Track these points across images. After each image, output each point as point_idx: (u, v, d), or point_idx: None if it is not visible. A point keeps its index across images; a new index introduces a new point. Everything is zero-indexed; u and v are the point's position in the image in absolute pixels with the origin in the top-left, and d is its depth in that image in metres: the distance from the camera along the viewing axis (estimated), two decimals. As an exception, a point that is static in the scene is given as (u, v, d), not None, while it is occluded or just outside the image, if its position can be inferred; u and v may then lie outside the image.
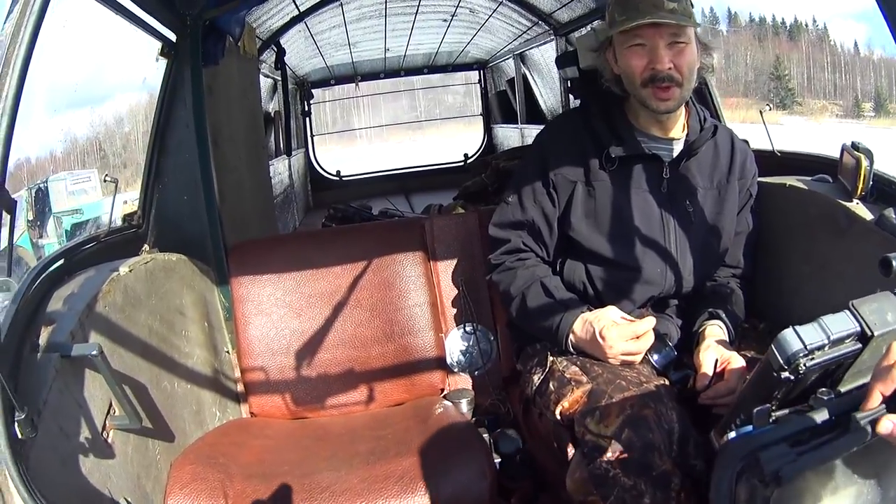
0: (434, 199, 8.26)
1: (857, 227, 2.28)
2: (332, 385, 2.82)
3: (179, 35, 2.91)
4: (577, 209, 2.44)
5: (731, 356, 2.21)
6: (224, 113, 3.79)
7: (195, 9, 2.96)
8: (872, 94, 72.17)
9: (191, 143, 2.83)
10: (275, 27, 5.65)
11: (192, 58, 2.91)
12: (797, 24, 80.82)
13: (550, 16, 6.04)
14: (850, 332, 1.35)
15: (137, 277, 2.25)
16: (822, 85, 75.62)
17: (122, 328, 2.07)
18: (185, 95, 2.85)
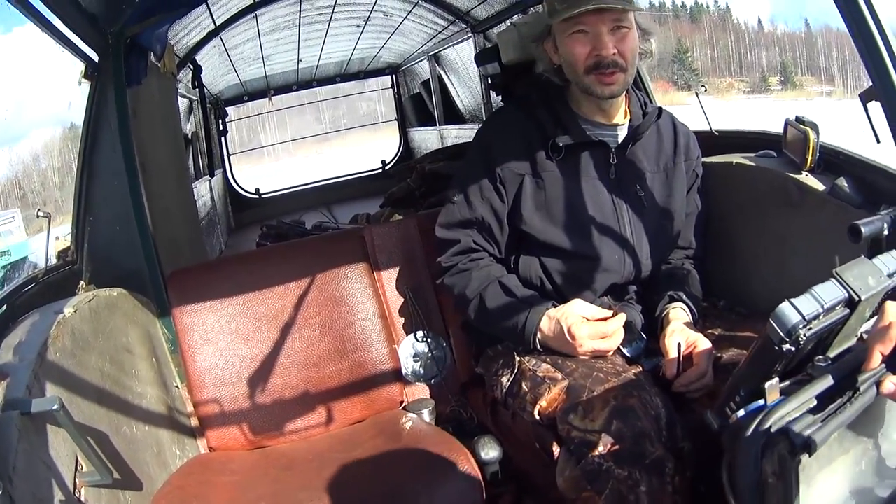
0: (357, 208, 8.24)
1: (809, 198, 2.37)
2: (289, 410, 2.72)
3: (102, 55, 2.79)
4: (527, 202, 2.42)
5: (697, 338, 2.23)
6: (148, 136, 3.67)
7: (116, 26, 2.84)
8: (778, 68, 74.52)
9: (119, 169, 2.71)
10: (191, 44, 5.51)
11: (115, 78, 2.78)
12: (698, 5, 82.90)
13: (468, 14, 6.03)
14: (839, 299, 1.43)
15: (83, 318, 2.12)
16: (726, 63, 77.71)
17: (75, 375, 1.94)
18: (111, 119, 2.73)
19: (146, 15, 2.93)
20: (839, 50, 71.66)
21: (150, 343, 2.57)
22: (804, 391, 1.39)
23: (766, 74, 75.60)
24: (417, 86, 10.45)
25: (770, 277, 2.61)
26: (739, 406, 1.49)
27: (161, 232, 3.18)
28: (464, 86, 8.18)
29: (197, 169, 6.83)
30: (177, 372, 2.70)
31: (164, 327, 2.73)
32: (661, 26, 35.53)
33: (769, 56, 77.84)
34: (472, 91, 7.90)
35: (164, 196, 3.89)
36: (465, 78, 7.94)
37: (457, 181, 2.58)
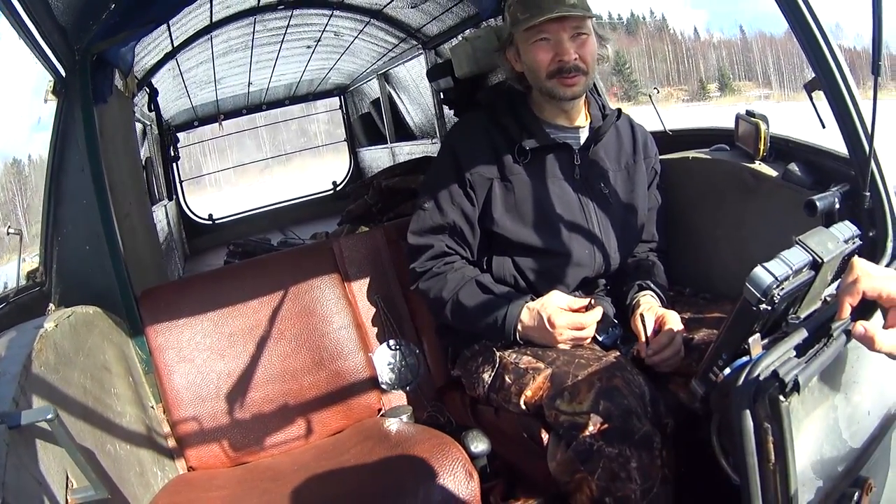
0: (313, 229, 8.23)
1: (764, 184, 2.54)
2: (268, 424, 2.70)
3: (69, 71, 2.75)
4: (497, 205, 2.48)
5: (665, 313, 2.33)
6: (113, 156, 3.61)
7: (84, 41, 2.81)
8: (717, 76, 75.87)
9: (88, 188, 2.66)
10: (149, 65, 5.44)
11: (82, 95, 2.74)
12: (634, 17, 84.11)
13: (419, 30, 6.05)
14: (805, 262, 1.59)
15: (64, 334, 2.07)
16: (665, 73, 78.85)
17: (60, 390, 1.90)
18: (78, 137, 2.68)
19: (113, 31, 2.90)
20: (774, 54, 73.19)
21: (125, 363, 2.52)
22: (784, 343, 1.50)
23: (705, 82, 76.97)
24: (366, 105, 10.41)
25: (731, 262, 2.73)
26: (723, 368, 1.61)
27: (129, 253, 3.14)
28: (414, 103, 8.19)
29: (152, 194, 6.74)
30: (151, 392, 2.66)
31: (138, 347, 2.68)
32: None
33: (707, 64, 79.29)
34: (423, 107, 7.93)
35: (128, 217, 3.83)
36: (415, 95, 7.95)
37: (426, 188, 2.62)
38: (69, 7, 2.62)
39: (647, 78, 77.19)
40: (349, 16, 6.08)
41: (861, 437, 1.70)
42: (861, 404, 1.69)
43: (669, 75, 79.79)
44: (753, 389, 1.42)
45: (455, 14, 5.22)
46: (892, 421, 1.78)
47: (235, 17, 5.45)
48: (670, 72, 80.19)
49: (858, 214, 2.07)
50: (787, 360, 1.47)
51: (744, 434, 1.43)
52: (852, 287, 1.40)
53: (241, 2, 5.18)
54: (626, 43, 78.45)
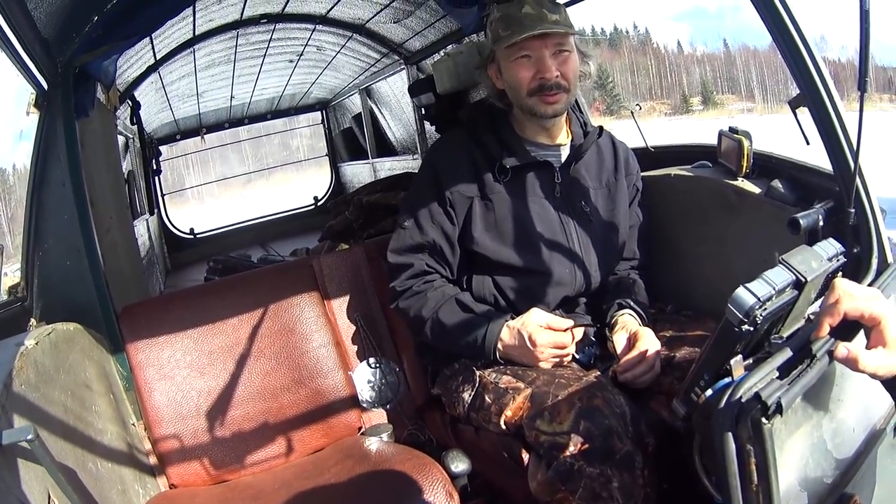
0: (294, 244, 8.23)
1: (747, 201, 2.53)
2: (249, 442, 2.69)
3: (51, 83, 2.73)
4: (477, 224, 2.49)
5: (640, 330, 2.34)
6: (95, 170, 3.60)
7: (66, 54, 2.79)
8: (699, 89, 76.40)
9: (69, 202, 2.63)
10: (131, 79, 5.40)
11: (64, 109, 2.72)
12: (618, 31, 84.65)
13: (401, 46, 6.04)
14: (788, 281, 1.57)
15: (45, 351, 2.05)
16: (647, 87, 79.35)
17: (42, 409, 1.88)
18: (60, 151, 2.66)
19: (96, 44, 2.89)
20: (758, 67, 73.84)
21: (106, 380, 2.50)
22: (766, 364, 1.49)
23: (688, 95, 77.48)
24: (348, 120, 10.37)
25: (713, 279, 2.74)
26: (705, 389, 1.60)
27: (110, 268, 3.12)
28: (395, 118, 8.18)
29: (134, 208, 6.69)
30: (132, 410, 2.63)
31: (119, 364, 2.66)
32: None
33: (690, 77, 79.83)
34: (404, 123, 7.91)
35: (110, 232, 3.81)
36: (396, 110, 7.94)
37: (406, 206, 2.62)
38: (52, 19, 2.61)
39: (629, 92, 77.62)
40: (332, 30, 6.07)
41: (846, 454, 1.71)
42: (846, 421, 1.70)
43: (652, 89, 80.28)
44: (735, 411, 1.42)
45: (437, 30, 5.22)
46: (877, 437, 1.80)
47: (218, 30, 5.43)
48: (653, 86, 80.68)
49: (843, 231, 2.08)
50: (769, 381, 1.46)
51: (726, 456, 1.43)
52: (833, 308, 1.41)
53: (224, 15, 5.16)
54: (608, 57, 78.85)
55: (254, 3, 4.99)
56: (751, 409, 1.40)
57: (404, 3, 4.90)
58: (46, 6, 2.52)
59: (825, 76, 2.12)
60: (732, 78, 78.87)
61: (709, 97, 77.48)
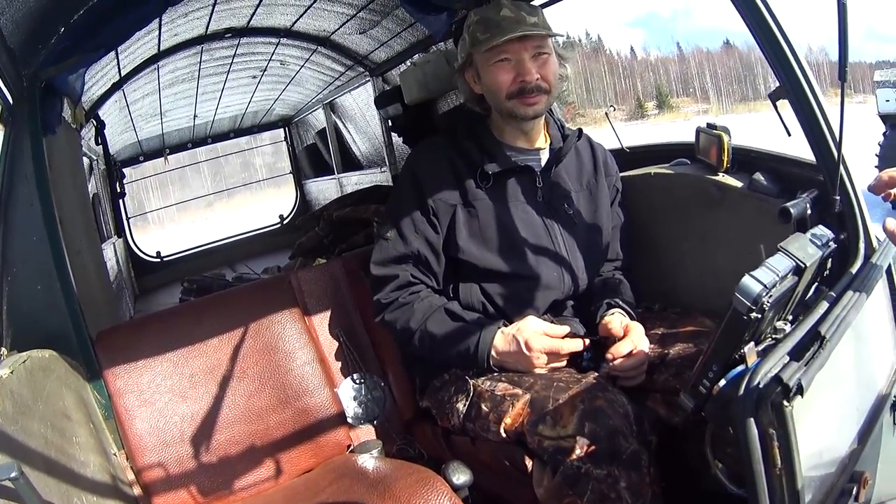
0: (263, 263, 8.19)
1: (730, 195, 2.61)
2: (236, 466, 2.61)
3: (17, 98, 2.63)
4: (461, 231, 2.47)
5: (631, 323, 2.37)
6: (62, 190, 3.49)
7: (32, 66, 2.71)
8: (654, 93, 77.54)
9: (37, 224, 2.53)
10: (96, 97, 5.31)
11: (30, 124, 2.62)
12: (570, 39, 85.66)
13: (366, 57, 6.01)
14: (789, 267, 1.67)
15: (21, 380, 1.94)
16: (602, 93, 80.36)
17: (21, 443, 1.77)
18: (26, 169, 2.56)
19: (62, 56, 2.81)
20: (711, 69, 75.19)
21: (84, 409, 2.39)
22: (778, 349, 1.58)
23: (642, 100, 78.64)
24: (311, 136, 10.33)
25: (698, 275, 2.77)
26: (714, 380, 1.65)
27: (82, 292, 3.01)
28: (360, 132, 8.15)
29: (101, 231, 6.57)
30: (112, 439, 2.53)
31: (96, 392, 2.55)
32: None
33: (644, 82, 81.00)
34: (370, 136, 7.88)
35: (80, 254, 3.71)
36: (361, 124, 7.90)
37: (388, 217, 2.60)
38: (18, 27, 2.53)
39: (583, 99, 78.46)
40: (296, 44, 6.02)
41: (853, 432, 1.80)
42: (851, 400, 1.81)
43: (606, 95, 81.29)
44: (755, 397, 1.47)
45: (404, 39, 5.20)
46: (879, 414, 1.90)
47: (183, 45, 5.37)
48: (606, 92, 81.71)
49: (829, 218, 2.12)
50: (784, 364, 1.53)
51: (749, 442, 1.47)
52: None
53: (190, 29, 5.09)
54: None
55: (219, 17, 4.93)
56: (771, 392, 1.47)
57: (370, 13, 4.86)
58: (13, 13, 2.44)
59: (805, 68, 2.15)
60: (686, 81, 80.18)
61: (664, 101, 78.66)
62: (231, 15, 5.05)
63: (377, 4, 4.63)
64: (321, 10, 5.04)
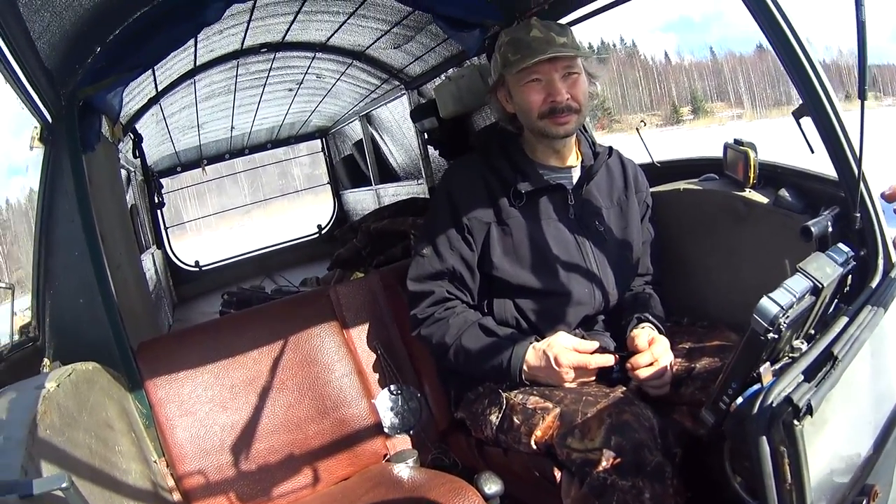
0: (300, 273, 8.21)
1: (755, 211, 2.59)
2: (275, 474, 2.65)
3: (55, 117, 2.69)
4: (495, 249, 2.49)
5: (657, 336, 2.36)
6: (102, 205, 3.56)
7: (69, 86, 2.76)
8: (689, 98, 76.87)
9: (79, 239, 2.59)
10: (133, 111, 5.39)
11: (69, 142, 2.68)
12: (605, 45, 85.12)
13: (401, 71, 6.04)
14: (806, 288, 1.69)
15: (66, 393, 1.98)
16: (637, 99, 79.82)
17: (68, 453, 1.81)
18: (67, 186, 2.62)
19: (99, 76, 2.86)
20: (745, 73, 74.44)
21: (126, 418, 2.44)
22: (793, 368, 1.62)
23: (678, 106, 77.98)
24: (349, 147, 10.36)
25: (726, 289, 2.78)
26: (734, 397, 1.69)
27: (123, 304, 3.07)
28: (397, 143, 8.15)
29: (140, 242, 6.66)
30: (153, 447, 2.58)
31: (138, 401, 2.61)
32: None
33: (678, 87, 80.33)
34: (406, 148, 7.89)
35: (121, 267, 3.78)
36: (398, 136, 7.91)
37: (424, 234, 2.63)
38: (55, 49, 2.59)
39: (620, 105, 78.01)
40: (331, 58, 6.06)
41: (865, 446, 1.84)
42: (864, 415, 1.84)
43: (641, 101, 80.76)
44: (768, 416, 1.52)
45: (438, 54, 5.21)
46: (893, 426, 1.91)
47: (219, 60, 5.44)
48: (642, 97, 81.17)
49: (850, 235, 2.13)
50: (797, 385, 1.57)
51: (761, 459, 1.51)
52: None
53: (225, 45, 5.16)
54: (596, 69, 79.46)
55: (254, 33, 4.99)
56: (782, 412, 1.51)
57: (404, 28, 4.88)
58: (50, 36, 2.50)
59: (827, 87, 2.16)
60: (721, 85, 79.48)
61: (699, 106, 78.04)
62: (266, 31, 5.11)
63: (411, 20, 4.66)
64: (355, 25, 5.07)
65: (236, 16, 4.34)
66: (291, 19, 4.84)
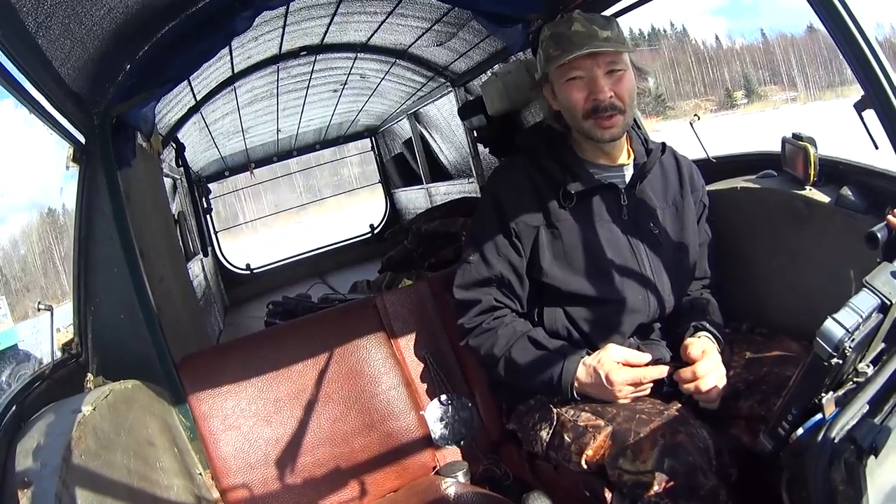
0: (353, 275, 8.20)
1: (817, 211, 2.42)
2: (320, 487, 2.62)
3: (89, 136, 2.70)
4: (544, 254, 2.39)
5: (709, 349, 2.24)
6: (143, 219, 3.57)
7: (101, 105, 2.77)
8: (742, 83, 76.06)
9: (118, 257, 2.60)
10: (173, 121, 5.43)
11: (104, 161, 2.69)
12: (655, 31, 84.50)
13: (446, 68, 5.99)
14: (874, 306, 1.52)
15: (102, 416, 1.98)
16: (691, 84, 79.18)
17: (103, 476, 1.81)
18: (104, 205, 2.63)
19: (131, 93, 2.87)
20: (797, 55, 73.39)
21: (169, 433, 2.45)
22: (857, 399, 1.48)
23: (731, 90, 77.19)
24: (399, 146, 10.37)
25: (787, 294, 2.64)
26: (793, 424, 1.57)
27: (166, 317, 3.08)
28: (447, 141, 8.10)
29: (187, 249, 6.71)
30: (198, 459, 2.58)
31: (181, 415, 2.61)
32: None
33: (731, 71, 79.49)
34: (457, 146, 7.83)
35: (164, 280, 3.79)
36: (447, 133, 7.86)
37: (470, 240, 2.56)
38: (81, 73, 2.58)
39: (673, 92, 77.43)
40: (374, 57, 6.04)
41: None
42: None
43: (695, 86, 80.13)
44: (829, 453, 1.42)
45: (482, 50, 5.15)
46: None
47: (258, 66, 5.45)
48: (695, 83, 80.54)
49: None
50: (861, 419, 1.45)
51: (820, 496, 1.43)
52: None
53: (262, 51, 5.17)
54: (648, 57, 78.69)
55: (291, 37, 4.99)
56: (844, 450, 1.40)
57: (446, 25, 4.84)
58: (74, 61, 2.49)
59: (892, 77, 2.02)
60: (773, 68, 78.56)
61: (752, 90, 77.19)
62: (303, 34, 5.10)
63: (451, 17, 4.61)
64: (395, 24, 5.05)
65: (270, 22, 4.35)
66: (328, 22, 4.84)
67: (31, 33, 2.12)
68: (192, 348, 3.35)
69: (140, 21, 2.78)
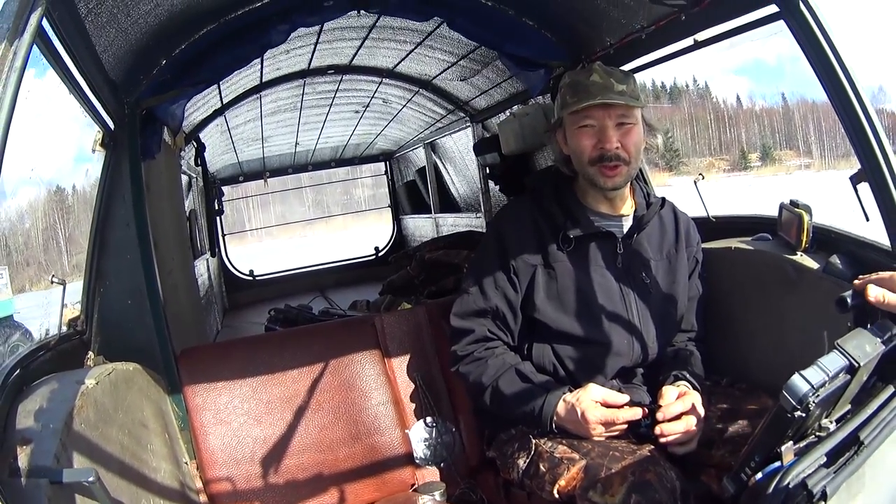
0: (352, 294, 8.20)
1: (806, 277, 2.49)
2: (301, 490, 2.69)
3: (118, 124, 2.78)
4: (539, 292, 2.49)
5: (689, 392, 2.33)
6: (158, 211, 3.64)
7: (133, 96, 2.85)
8: (758, 145, 75.85)
9: (132, 243, 2.68)
10: (197, 121, 5.50)
11: (130, 150, 2.78)
12: (677, 86, 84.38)
13: (467, 103, 6.08)
14: (842, 366, 1.60)
15: (104, 391, 2.05)
16: (706, 142, 79.03)
17: (100, 447, 1.87)
18: (125, 192, 2.71)
19: (162, 88, 2.96)
20: (815, 122, 73.25)
21: (162, 419, 2.51)
22: (815, 450, 1.58)
23: (746, 151, 76.96)
24: (412, 173, 10.39)
25: (769, 353, 2.70)
26: (755, 470, 1.65)
27: (170, 309, 3.14)
28: (459, 174, 8.17)
29: (195, 247, 6.75)
30: (185, 448, 2.65)
31: (175, 404, 2.68)
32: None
33: (748, 133, 79.25)
34: (468, 180, 7.89)
35: (172, 273, 3.85)
36: (460, 166, 7.93)
37: (472, 271, 2.65)
38: (120, 62, 2.67)
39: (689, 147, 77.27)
40: (398, 84, 6.13)
41: None
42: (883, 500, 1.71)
43: (711, 144, 80.00)
44: (783, 498, 1.51)
45: (504, 89, 5.23)
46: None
47: (285, 78, 5.52)
48: (711, 140, 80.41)
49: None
50: (816, 468, 1.54)
51: None
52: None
53: (292, 65, 5.25)
54: (668, 111, 78.58)
55: (321, 55, 5.07)
56: (797, 496, 1.50)
57: (471, 61, 4.92)
58: (115, 49, 2.58)
59: (887, 153, 2.12)
60: (790, 133, 78.45)
61: (767, 153, 77.13)
62: (333, 53, 5.19)
63: (477, 54, 4.69)
64: (422, 55, 5.13)
65: (303, 37, 4.42)
66: (359, 44, 4.92)
67: (82, 16, 2.20)
68: (191, 343, 3.40)
69: (182, 20, 2.87)
